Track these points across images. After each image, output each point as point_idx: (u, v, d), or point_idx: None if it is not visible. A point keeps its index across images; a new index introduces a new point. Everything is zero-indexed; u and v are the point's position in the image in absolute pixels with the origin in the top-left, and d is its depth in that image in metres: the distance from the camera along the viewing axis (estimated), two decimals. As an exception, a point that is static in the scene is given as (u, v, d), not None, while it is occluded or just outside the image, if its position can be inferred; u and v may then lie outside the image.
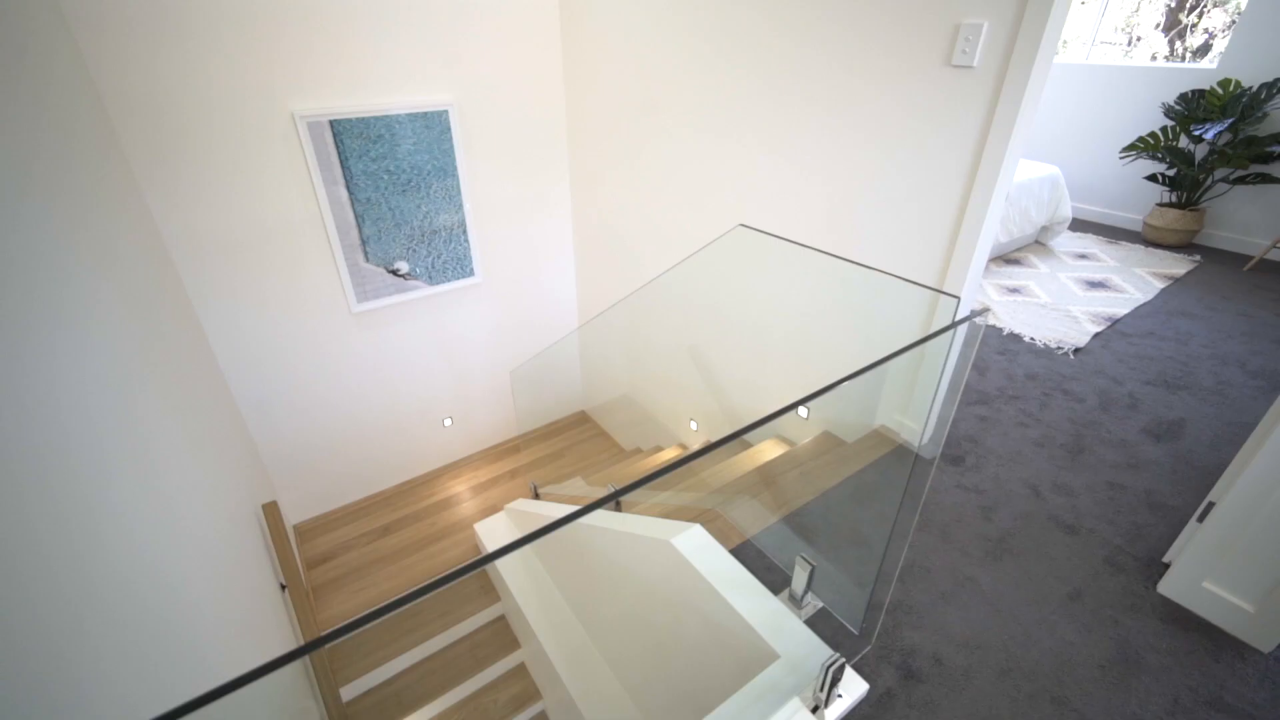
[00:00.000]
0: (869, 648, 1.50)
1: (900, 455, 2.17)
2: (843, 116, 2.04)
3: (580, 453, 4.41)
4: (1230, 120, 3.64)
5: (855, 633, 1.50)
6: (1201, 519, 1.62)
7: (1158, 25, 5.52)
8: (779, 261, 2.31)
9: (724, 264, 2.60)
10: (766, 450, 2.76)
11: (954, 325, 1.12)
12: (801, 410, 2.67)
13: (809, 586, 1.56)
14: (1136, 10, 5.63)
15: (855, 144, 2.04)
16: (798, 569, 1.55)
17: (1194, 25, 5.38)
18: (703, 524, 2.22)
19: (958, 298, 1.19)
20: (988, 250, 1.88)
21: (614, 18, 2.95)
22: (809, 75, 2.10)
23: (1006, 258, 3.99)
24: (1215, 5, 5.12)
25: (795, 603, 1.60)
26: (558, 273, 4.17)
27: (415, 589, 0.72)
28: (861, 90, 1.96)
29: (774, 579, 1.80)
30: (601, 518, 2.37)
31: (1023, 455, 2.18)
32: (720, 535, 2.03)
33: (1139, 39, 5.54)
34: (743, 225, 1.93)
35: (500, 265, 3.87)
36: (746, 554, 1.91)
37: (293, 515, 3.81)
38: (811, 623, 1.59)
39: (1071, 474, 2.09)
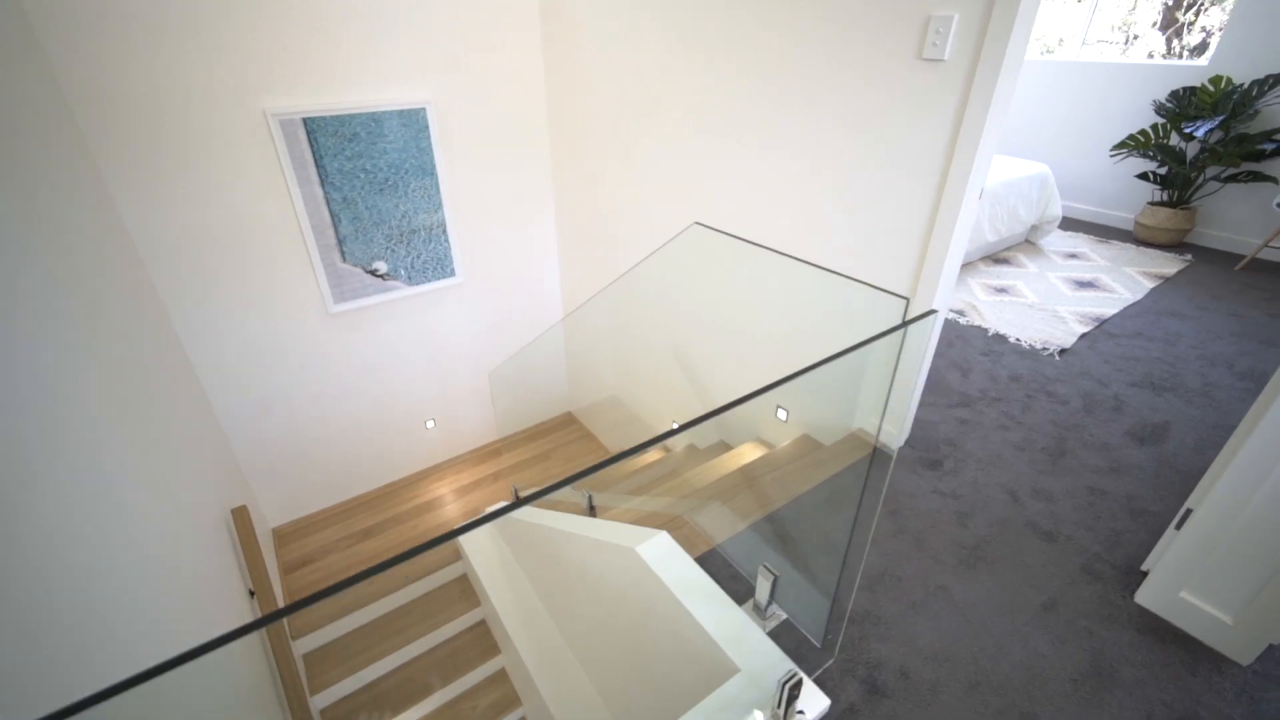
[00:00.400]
0: (831, 661, 1.45)
1: (875, 459, 2.12)
2: (816, 112, 1.99)
3: (566, 455, 4.36)
4: (1221, 118, 3.59)
5: (818, 645, 1.45)
6: (1179, 526, 1.58)
7: (1154, 24, 5.48)
8: (754, 261, 2.27)
9: (702, 263, 2.56)
10: (746, 453, 2.71)
11: (903, 325, 1.08)
12: (780, 412, 2.62)
13: (772, 597, 1.51)
14: (1133, 9, 5.59)
15: (828, 140, 1.99)
16: (760, 579, 1.50)
17: (1191, 23, 5.33)
18: (675, 530, 2.17)
19: (906, 299, 1.14)
20: (963, 247, 1.83)
21: (592, 15, 2.90)
22: (780, 69, 2.05)
23: (995, 257, 3.94)
24: (1212, 3, 5.07)
25: (759, 613, 1.55)
26: (542, 272, 4.13)
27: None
28: (834, 84, 1.91)
29: (741, 588, 1.75)
30: (571, 522, 2.33)
31: (1003, 459, 2.13)
32: (689, 542, 1.98)
33: (1136, 37, 5.50)
34: (698, 224, 1.88)
35: (483, 265, 3.82)
36: (717, 561, 1.87)
37: (272, 518, 3.76)
38: (776, 634, 1.55)
39: (1052, 478, 2.04)
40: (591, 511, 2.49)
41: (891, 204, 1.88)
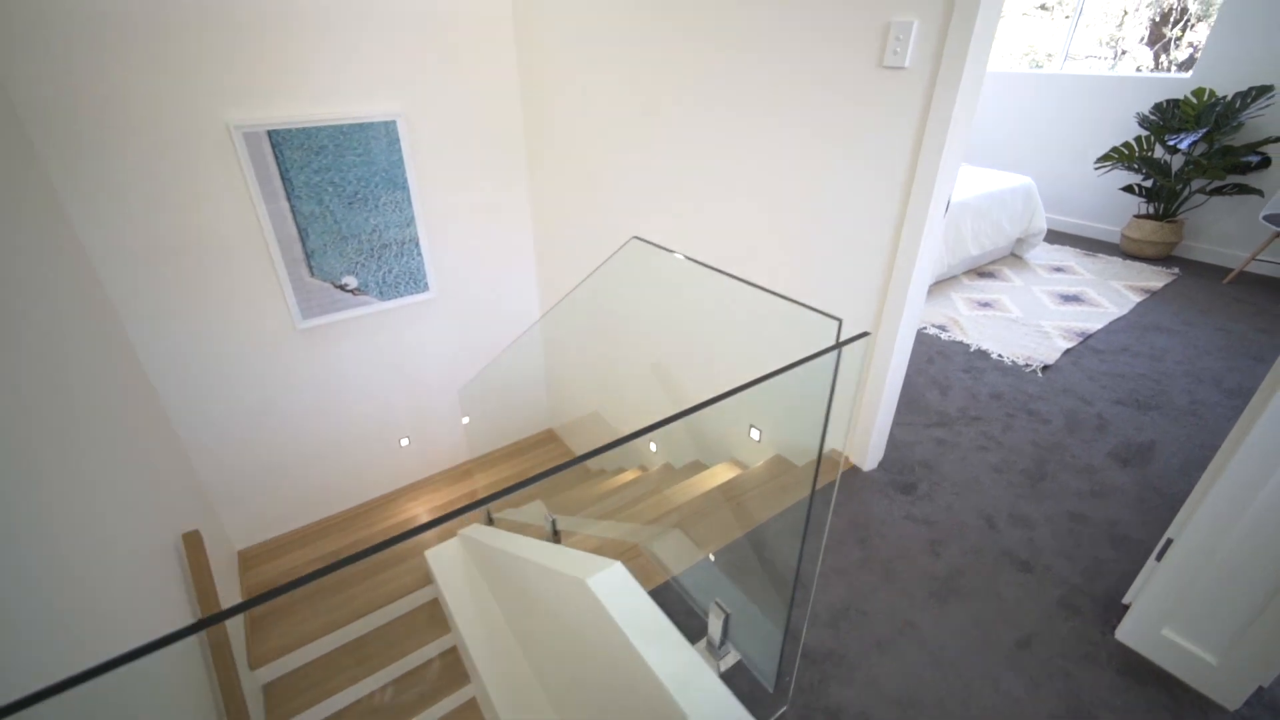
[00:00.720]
0: (785, 707, 1.35)
1: (846, 481, 2.03)
2: (779, 122, 1.93)
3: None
4: (1205, 130, 3.55)
5: (770, 690, 1.35)
6: (1160, 557, 1.48)
7: (1142, 39, 5.49)
8: (714, 275, 2.20)
9: (669, 277, 2.49)
10: (719, 474, 2.62)
11: (837, 347, 1.00)
12: (754, 432, 2.53)
13: (725, 636, 1.41)
14: (1120, 25, 5.60)
15: (791, 150, 1.92)
16: (712, 616, 1.40)
17: (1178, 39, 5.34)
18: (635, 559, 2.07)
19: (838, 320, 1.06)
20: (931, 262, 1.75)
21: (561, 24, 2.86)
22: (744, 79, 1.99)
23: (980, 270, 3.87)
24: (1199, 19, 5.07)
25: (713, 653, 1.45)
26: (518, 286, 4.05)
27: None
28: (798, 94, 1.84)
29: (700, 625, 1.65)
30: (531, 548, 2.23)
31: (980, 482, 2.03)
32: (647, 573, 1.88)
33: (1124, 52, 5.51)
34: (636, 238, 1.81)
35: (457, 279, 3.75)
36: (674, 595, 1.76)
37: (239, 540, 3.64)
38: (732, 675, 1.44)
39: (1031, 503, 1.94)
40: (555, 537, 2.39)
41: (856, 217, 1.80)
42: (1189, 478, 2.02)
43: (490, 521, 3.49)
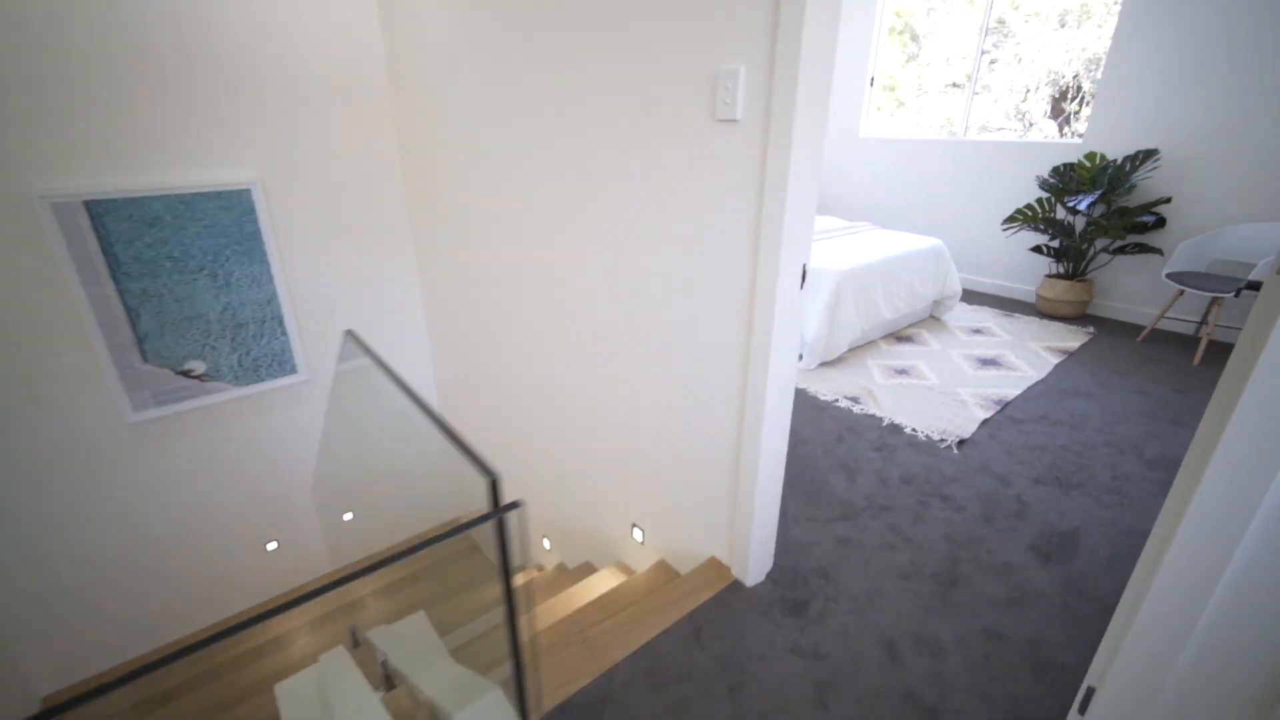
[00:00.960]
0: None
1: (724, 601, 1.68)
2: (627, 181, 1.70)
3: (441, 575, 3.75)
4: (1100, 191, 3.57)
5: None
6: (1083, 711, 1.17)
7: (1045, 113, 5.84)
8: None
9: (576, 360, 2.18)
10: (599, 583, 2.23)
11: (496, 514, 0.70)
12: (636, 532, 2.18)
13: None
14: (1025, 99, 5.94)
15: (641, 215, 1.68)
16: None
17: (1076, 113, 5.69)
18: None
19: (494, 477, 0.76)
20: (792, 338, 1.49)
21: (432, 88, 2.67)
22: (592, 130, 1.78)
23: (898, 335, 3.72)
24: (1093, 96, 5.42)
25: None
26: (409, 361, 3.69)
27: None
28: (640, 151, 1.62)
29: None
30: (343, 699, 1.79)
31: (883, 594, 1.71)
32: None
33: (1032, 125, 5.86)
34: (348, 332, 1.53)
35: (333, 359, 3.37)
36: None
37: (44, 684, 2.99)
38: None
39: (940, 619, 1.62)
40: (387, 683, 1.94)
41: (706, 289, 1.55)
42: (1117, 574, 1.74)
43: (356, 644, 2.95)
